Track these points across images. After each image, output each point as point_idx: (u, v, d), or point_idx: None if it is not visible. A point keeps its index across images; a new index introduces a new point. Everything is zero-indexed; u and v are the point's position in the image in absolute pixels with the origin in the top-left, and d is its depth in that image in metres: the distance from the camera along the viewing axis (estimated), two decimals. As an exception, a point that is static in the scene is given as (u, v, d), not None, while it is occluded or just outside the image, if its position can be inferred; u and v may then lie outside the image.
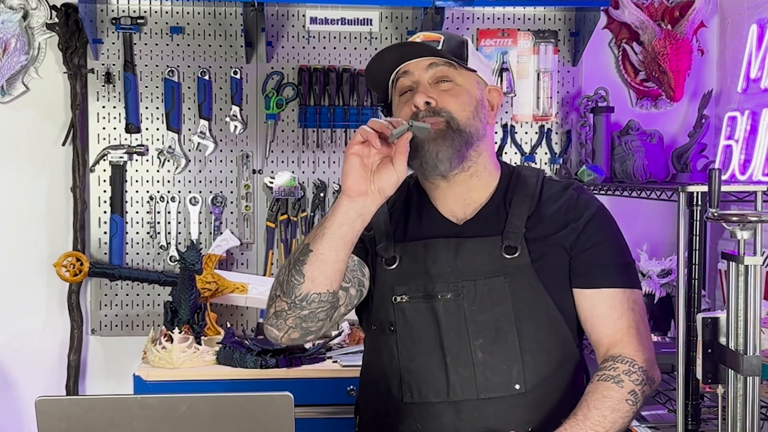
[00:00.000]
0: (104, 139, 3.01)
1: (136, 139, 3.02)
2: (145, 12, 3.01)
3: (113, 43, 2.99)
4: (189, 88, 3.03)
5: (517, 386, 1.54)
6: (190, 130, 3.04)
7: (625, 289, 1.61)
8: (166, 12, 3.03)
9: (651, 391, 1.57)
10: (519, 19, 3.13)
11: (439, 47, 1.59)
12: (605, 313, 1.60)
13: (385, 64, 1.61)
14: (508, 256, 1.56)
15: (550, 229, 1.60)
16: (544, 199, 1.64)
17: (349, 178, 1.44)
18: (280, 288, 1.50)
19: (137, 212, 3.02)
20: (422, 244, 1.60)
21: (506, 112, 3.15)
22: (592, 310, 1.61)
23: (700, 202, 2.13)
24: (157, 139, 3.03)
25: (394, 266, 1.60)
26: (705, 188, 2.03)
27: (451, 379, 1.54)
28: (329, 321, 1.55)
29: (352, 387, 2.56)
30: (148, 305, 3.04)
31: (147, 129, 3.02)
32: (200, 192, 3.04)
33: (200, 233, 3.04)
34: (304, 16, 3.07)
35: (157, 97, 3.02)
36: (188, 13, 3.03)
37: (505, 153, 3.13)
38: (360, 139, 1.43)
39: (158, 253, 3.04)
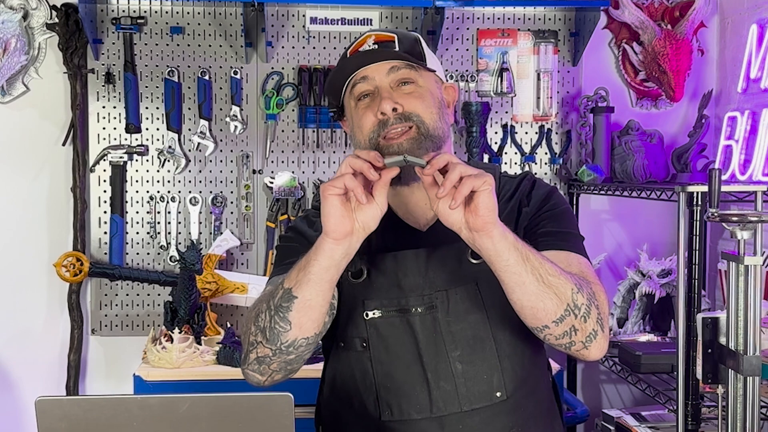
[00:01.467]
0: (104, 139, 3.01)
1: (136, 139, 3.02)
2: (145, 12, 3.01)
3: (113, 43, 3.00)
4: (189, 88, 3.04)
5: (498, 394, 1.51)
6: (190, 130, 3.04)
7: (570, 252, 1.51)
8: (166, 12, 3.03)
9: (594, 323, 1.41)
10: (519, 19, 3.13)
11: (396, 48, 1.52)
12: None
13: (345, 73, 1.54)
14: (475, 261, 1.51)
15: (509, 225, 1.50)
16: (502, 196, 1.59)
17: (331, 220, 1.34)
18: (262, 334, 1.43)
19: (137, 212, 3.03)
20: (391, 255, 1.54)
21: (506, 113, 3.15)
22: None
23: (700, 202, 2.13)
24: (157, 139, 3.03)
25: (361, 279, 1.54)
26: (705, 188, 2.04)
27: (433, 394, 1.50)
28: (310, 355, 1.50)
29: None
30: (148, 305, 3.04)
31: (147, 129, 3.03)
32: (200, 192, 3.05)
33: (200, 233, 3.04)
34: (304, 16, 3.07)
35: (157, 97, 3.02)
36: (188, 13, 3.03)
37: (505, 153, 3.13)
38: (349, 170, 1.33)
39: (158, 253, 3.04)
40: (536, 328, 1.42)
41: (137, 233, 3.03)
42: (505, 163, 3.12)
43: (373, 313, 1.53)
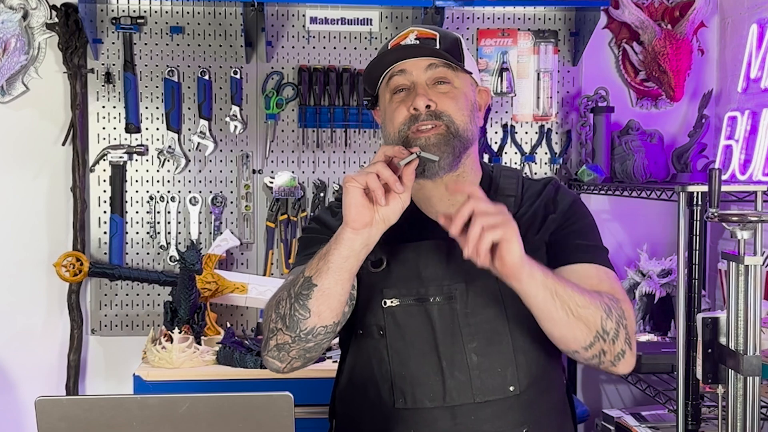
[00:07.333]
0: (104, 139, 3.01)
1: (136, 139, 3.02)
2: (145, 12, 3.01)
3: (113, 43, 3.00)
4: (189, 88, 3.03)
5: (512, 388, 1.53)
6: (190, 130, 3.04)
7: (599, 265, 1.55)
8: (166, 12, 3.03)
9: (623, 344, 1.45)
10: (519, 19, 3.13)
11: (437, 46, 1.55)
12: (580, 282, 1.51)
13: (384, 64, 1.57)
14: None
15: (532, 228, 1.58)
16: (525, 198, 1.63)
17: (351, 210, 1.38)
18: (282, 321, 1.46)
19: (137, 212, 3.02)
20: (412, 246, 1.56)
21: (506, 112, 3.15)
22: None
23: (700, 202, 2.13)
24: (157, 139, 3.03)
25: (381, 269, 1.56)
26: (705, 188, 2.04)
27: (447, 383, 1.52)
28: (328, 344, 1.53)
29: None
30: (148, 305, 3.04)
31: (147, 129, 3.02)
32: (200, 192, 3.04)
33: (200, 233, 3.04)
34: (304, 16, 3.07)
35: (157, 97, 3.02)
36: (188, 13, 3.03)
37: (505, 153, 3.13)
38: (376, 169, 1.37)
39: (158, 253, 3.04)
40: (566, 351, 1.47)
41: (137, 233, 3.03)
42: (505, 163, 3.12)
43: (391, 302, 1.56)
